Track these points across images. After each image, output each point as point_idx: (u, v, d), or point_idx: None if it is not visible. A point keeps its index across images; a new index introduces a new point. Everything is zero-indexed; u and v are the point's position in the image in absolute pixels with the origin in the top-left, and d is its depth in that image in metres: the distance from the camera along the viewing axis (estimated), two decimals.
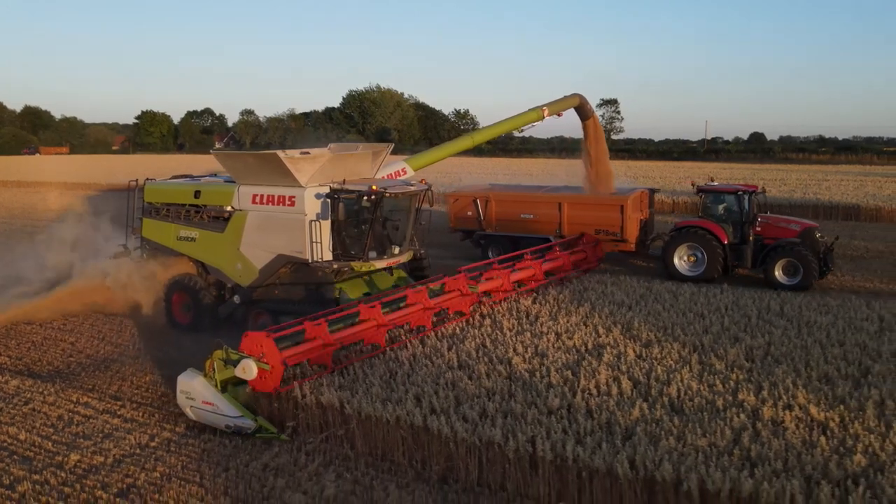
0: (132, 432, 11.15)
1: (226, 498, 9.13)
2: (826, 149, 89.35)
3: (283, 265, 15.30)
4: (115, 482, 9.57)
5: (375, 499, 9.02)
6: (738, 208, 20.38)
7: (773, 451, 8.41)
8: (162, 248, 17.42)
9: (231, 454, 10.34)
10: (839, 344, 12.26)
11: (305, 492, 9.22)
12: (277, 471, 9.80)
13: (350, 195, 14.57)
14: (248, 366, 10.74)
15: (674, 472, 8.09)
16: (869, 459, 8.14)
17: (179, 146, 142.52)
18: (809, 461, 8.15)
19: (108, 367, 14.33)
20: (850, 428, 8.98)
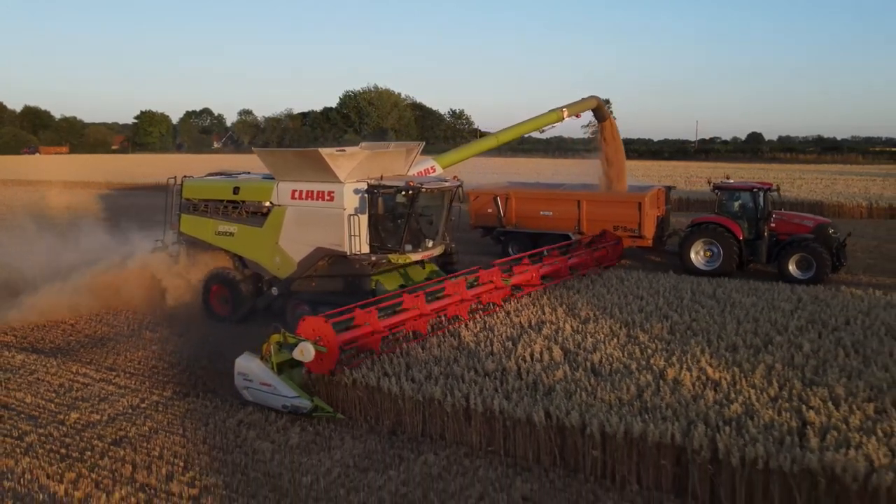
0: (125, 396, 12.67)
1: (204, 446, 10.64)
2: (813, 149, 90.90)
3: (322, 258, 16.02)
4: (110, 434, 11.08)
5: (333, 446, 10.54)
6: (753, 205, 21.27)
7: (667, 402, 9.91)
8: (200, 242, 18.14)
9: (211, 413, 11.85)
10: (753, 320, 13.76)
11: (273, 441, 10.74)
12: (250, 425, 11.32)
13: (388, 191, 15.37)
14: (305, 348, 11.35)
15: (580, 419, 9.60)
16: (744, 408, 9.64)
17: (178, 146, 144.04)
18: (695, 409, 9.65)
19: (105, 344, 15.82)
20: (737, 385, 10.49)
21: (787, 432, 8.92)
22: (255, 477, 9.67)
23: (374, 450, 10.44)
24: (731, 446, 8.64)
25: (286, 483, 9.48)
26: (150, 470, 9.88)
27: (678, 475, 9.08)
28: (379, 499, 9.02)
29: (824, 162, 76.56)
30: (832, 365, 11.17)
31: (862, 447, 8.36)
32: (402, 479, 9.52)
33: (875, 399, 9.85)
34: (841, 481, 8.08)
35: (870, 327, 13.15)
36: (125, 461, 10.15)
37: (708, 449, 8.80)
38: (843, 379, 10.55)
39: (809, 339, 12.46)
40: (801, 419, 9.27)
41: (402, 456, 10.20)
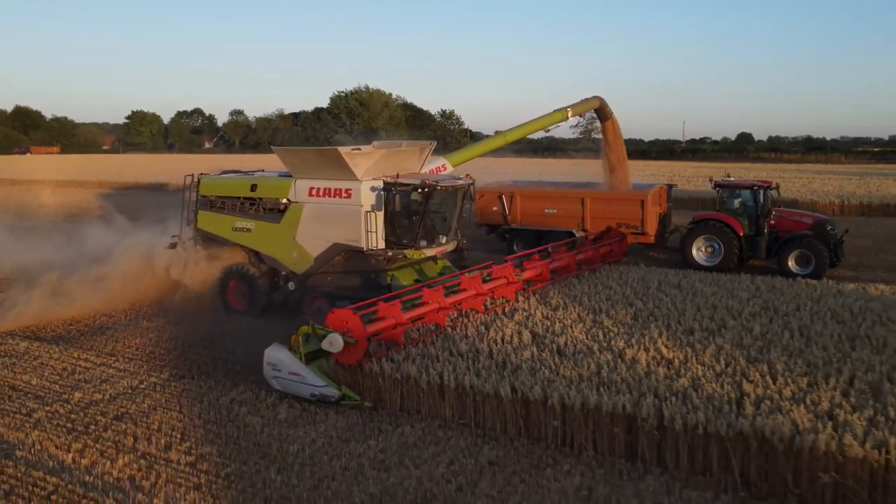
0: (125, 378, 13.58)
1: (199, 420, 11.57)
2: (798, 149, 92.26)
3: (338, 253, 16.49)
4: (112, 411, 12.00)
5: (318, 420, 11.49)
6: (753, 202, 21.89)
7: (622, 378, 10.88)
8: (216, 238, 18.57)
9: (205, 392, 12.78)
10: (712, 307, 14.74)
11: (263, 416, 11.68)
12: (242, 403, 12.26)
13: (404, 188, 15.83)
14: (334, 339, 11.73)
15: (543, 393, 10.57)
16: (691, 382, 10.62)
17: (169, 146, 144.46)
18: (646, 384, 10.62)
19: (104, 332, 16.70)
20: (687, 362, 11.47)
21: (727, 402, 9.89)
22: (246, 446, 10.61)
23: (356, 423, 11.39)
24: (675, 414, 9.62)
25: (275, 451, 10.42)
26: (150, 441, 10.81)
27: (629, 441, 10.05)
28: (359, 464, 9.96)
29: (808, 162, 77.79)
30: (776, 345, 12.16)
31: (790, 414, 9.34)
32: (380, 447, 10.48)
33: (809, 374, 10.84)
34: (770, 443, 9.06)
35: (817, 313, 14.16)
36: (127, 433, 11.07)
37: (655, 417, 9.77)
38: (783, 357, 11.54)
39: (760, 323, 13.46)
40: (740, 391, 10.24)
41: (381, 428, 11.15)
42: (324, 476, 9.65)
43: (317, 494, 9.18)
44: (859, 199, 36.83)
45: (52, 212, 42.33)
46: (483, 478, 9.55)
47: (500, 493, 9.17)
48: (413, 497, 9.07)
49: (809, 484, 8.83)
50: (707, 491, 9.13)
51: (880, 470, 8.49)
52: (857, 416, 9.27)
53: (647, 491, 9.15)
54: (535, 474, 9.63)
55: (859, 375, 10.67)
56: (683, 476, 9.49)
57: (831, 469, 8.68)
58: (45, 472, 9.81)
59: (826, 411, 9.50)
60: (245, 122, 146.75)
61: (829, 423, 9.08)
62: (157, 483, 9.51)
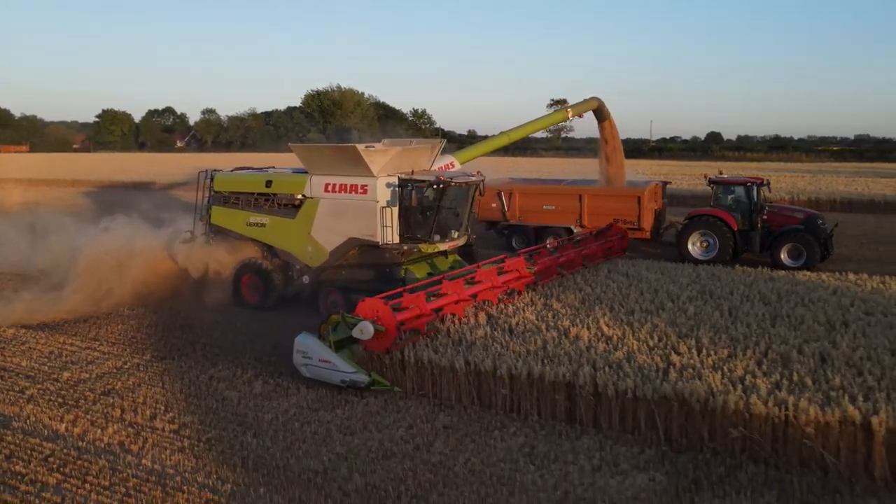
0: (109, 359, 14.59)
1: (181, 394, 12.64)
2: (761, 147, 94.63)
3: (354, 248, 16.99)
4: (99, 387, 13.02)
5: (290, 394, 12.61)
6: (746, 198, 22.76)
7: (564, 351, 12.11)
8: (230, 233, 18.95)
9: (185, 371, 13.83)
10: (654, 291, 16.05)
11: (239, 391, 12.78)
12: (220, 379, 13.34)
13: (420, 184, 16.49)
14: (365, 327, 12.19)
15: (493, 365, 11.77)
16: (625, 355, 11.86)
17: (140, 145, 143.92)
18: (586, 357, 11.85)
19: (87, 320, 17.59)
20: (625, 338, 12.72)
21: (655, 371, 11.16)
22: (224, 416, 11.70)
23: (325, 396, 12.52)
24: (608, 382, 10.86)
25: (251, 419, 11.53)
26: (136, 412, 11.87)
27: (569, 406, 11.28)
28: (327, 429, 11.10)
29: (770, 160, 79.98)
30: (706, 323, 13.47)
31: (707, 379, 10.62)
32: (346, 415, 11.63)
33: (730, 347, 12.15)
34: (688, 404, 10.34)
35: (747, 296, 15.52)
36: (114, 406, 12.11)
37: (591, 385, 11.01)
38: (710, 333, 12.84)
39: (695, 305, 14.77)
40: (667, 362, 11.50)
41: (347, 400, 12.29)
42: (295, 439, 10.78)
43: (289, 454, 10.30)
44: (808, 196, 38.62)
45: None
46: (438, 439, 10.74)
47: (453, 451, 10.35)
48: (375, 455, 10.23)
49: (722, 438, 10.11)
50: (634, 447, 10.38)
51: (781, 425, 9.77)
52: (765, 380, 10.56)
53: (583, 448, 10.38)
54: (484, 436, 10.83)
55: (774, 347, 11.99)
56: (615, 435, 10.73)
57: (740, 425, 9.96)
58: (42, 439, 10.84)
59: (739, 377, 10.79)
60: (217, 121, 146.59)
61: (739, 387, 10.37)
62: (144, 447, 10.58)
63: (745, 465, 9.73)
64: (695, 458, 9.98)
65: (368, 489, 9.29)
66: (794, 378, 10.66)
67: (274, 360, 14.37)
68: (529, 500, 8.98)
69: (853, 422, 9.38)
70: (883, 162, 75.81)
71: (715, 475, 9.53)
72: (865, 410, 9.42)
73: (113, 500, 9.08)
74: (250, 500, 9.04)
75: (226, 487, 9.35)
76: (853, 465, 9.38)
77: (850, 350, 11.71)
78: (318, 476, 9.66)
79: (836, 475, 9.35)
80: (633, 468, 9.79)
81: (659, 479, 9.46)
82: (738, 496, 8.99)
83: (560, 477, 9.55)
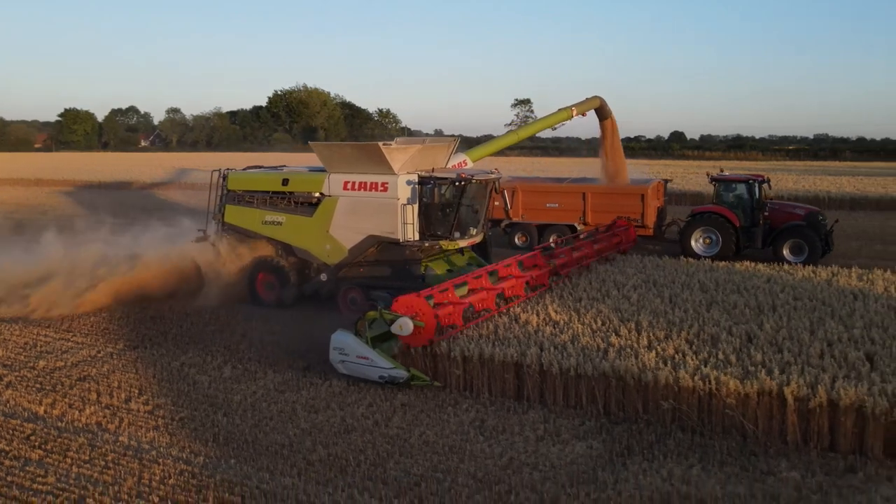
0: (83, 349, 15.24)
1: (154, 379, 13.37)
2: (720, 146, 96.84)
3: (373, 245, 17.16)
4: (75, 374, 13.70)
5: (258, 378, 13.40)
6: (748, 195, 23.31)
7: (514, 335, 13.04)
8: (245, 232, 18.98)
9: (157, 358, 14.55)
10: (601, 281, 17.05)
11: (210, 375, 13.54)
12: (191, 365, 14.09)
13: (443, 181, 16.75)
14: (405, 323, 12.30)
15: (448, 347, 12.64)
16: (570, 337, 12.82)
17: (104, 144, 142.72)
18: (534, 339, 12.77)
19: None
20: (571, 322, 13.68)
21: (596, 350, 12.15)
22: (196, 398, 12.47)
23: (291, 379, 13.34)
24: (552, 361, 11.81)
25: (221, 400, 12.31)
26: (111, 395, 12.59)
27: (517, 384, 12.22)
28: (293, 408, 11.93)
29: (728, 159, 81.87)
30: (647, 308, 14.50)
31: (642, 357, 11.62)
32: (311, 395, 12.47)
33: (667, 329, 13.17)
34: (624, 380, 11.33)
35: (688, 284, 16.59)
36: (90, 390, 12.81)
37: (537, 363, 11.95)
38: (650, 317, 13.86)
39: (639, 293, 15.80)
40: (608, 343, 12.49)
41: (312, 382, 13.12)
42: (263, 417, 11.60)
43: (257, 430, 11.11)
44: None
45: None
46: (396, 415, 11.62)
47: (409, 425, 11.24)
48: (337, 430, 11.08)
49: (654, 410, 11.13)
50: (576, 419, 11.35)
51: (706, 397, 10.80)
52: (694, 358, 11.59)
53: (529, 421, 11.32)
54: (438, 411, 11.73)
55: (705, 329, 13.03)
56: (559, 409, 11.69)
57: (670, 398, 10.98)
58: (22, 420, 11.52)
59: (671, 355, 11.80)
60: (182, 121, 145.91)
61: (670, 364, 11.39)
62: (120, 426, 11.32)
63: (674, 433, 10.74)
64: (629, 428, 10.97)
65: (331, 459, 10.13)
66: (720, 356, 11.68)
67: (242, 347, 15.15)
68: (478, 466, 9.88)
69: (769, 392, 10.43)
70: (835, 161, 78.09)
71: (646, 442, 10.53)
72: (780, 382, 10.46)
73: (93, 472, 9.80)
74: (221, 469, 9.83)
75: (199, 459, 10.13)
76: (769, 430, 10.44)
77: (773, 331, 12.78)
78: (285, 448, 10.48)
79: (753, 440, 10.39)
80: (574, 437, 10.74)
81: (596, 447, 10.42)
82: (666, 459, 9.97)
83: (507, 446, 10.47)
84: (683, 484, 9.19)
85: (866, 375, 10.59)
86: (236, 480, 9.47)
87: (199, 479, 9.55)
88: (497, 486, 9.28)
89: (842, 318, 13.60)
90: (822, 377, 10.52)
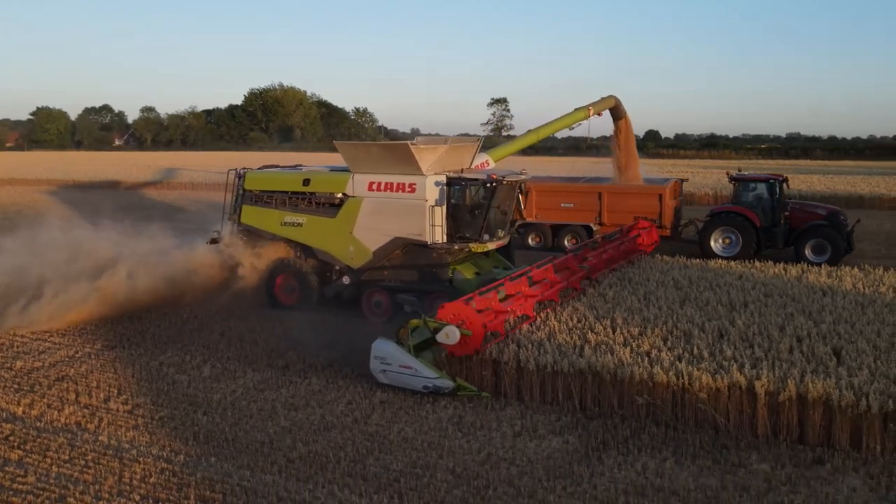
0: (61, 349, 15.19)
1: (133, 379, 13.39)
2: (693, 145, 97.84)
3: (399, 248, 16.71)
4: (53, 374, 13.67)
5: (237, 377, 13.46)
6: (768, 194, 23.22)
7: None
8: (262, 233, 18.47)
9: (136, 358, 14.56)
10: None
11: (189, 374, 13.58)
12: (170, 365, 14.12)
13: (474, 183, 16.47)
14: (451, 332, 11.98)
15: None
16: (547, 334, 13.02)
17: (77, 143, 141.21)
18: (512, 336, 12.92)
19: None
20: (548, 320, 13.83)
21: (572, 347, 12.35)
22: (175, 397, 12.52)
23: (270, 377, 13.41)
24: (529, 358, 12.00)
25: (201, 399, 12.37)
26: (90, 395, 12.59)
27: (495, 381, 12.39)
28: (272, 406, 12.02)
29: (701, 158, 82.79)
30: (622, 306, 14.74)
31: (617, 354, 11.84)
32: (290, 394, 12.56)
33: (641, 326, 13.41)
34: (600, 376, 11.55)
35: (662, 282, 16.86)
36: (69, 391, 12.80)
37: (514, 360, 12.13)
38: (625, 314, 14.10)
39: (614, 291, 16.03)
40: (584, 339, 12.70)
41: (292, 381, 13.20)
42: (242, 415, 11.68)
43: (237, 428, 11.20)
44: (730, 191, 40.60)
45: None
46: (375, 412, 11.75)
47: (388, 422, 11.37)
48: (317, 427, 11.19)
49: (629, 405, 11.36)
50: (552, 415, 11.54)
51: (679, 392, 11.04)
52: (669, 354, 11.82)
53: (506, 417, 11.50)
54: (417, 408, 11.86)
55: (679, 325, 13.28)
56: (536, 405, 11.88)
57: (645, 393, 11.20)
58: (1, 421, 11.50)
59: (646, 351, 12.03)
60: (157, 120, 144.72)
61: (645, 359, 11.61)
62: (100, 426, 11.34)
63: (649, 427, 10.97)
64: (605, 423, 11.18)
65: (311, 456, 10.24)
66: (694, 351, 11.93)
67: (221, 346, 15.20)
68: (456, 461, 10.04)
69: (740, 387, 10.68)
70: (807, 160, 79.15)
71: (621, 436, 10.74)
72: (751, 377, 10.72)
73: (73, 471, 9.84)
74: (202, 467, 9.91)
75: (179, 458, 10.20)
76: (740, 423, 10.70)
77: (745, 326, 13.06)
78: (265, 446, 10.57)
79: (724, 433, 10.66)
80: (550, 433, 10.93)
81: (572, 442, 10.62)
82: (640, 453, 10.19)
83: (484, 442, 10.64)
84: (657, 477, 9.42)
85: (833, 370, 10.89)
86: (217, 478, 9.56)
87: (180, 477, 9.62)
88: (475, 481, 9.44)
89: (811, 313, 13.93)
90: (791, 372, 10.80)
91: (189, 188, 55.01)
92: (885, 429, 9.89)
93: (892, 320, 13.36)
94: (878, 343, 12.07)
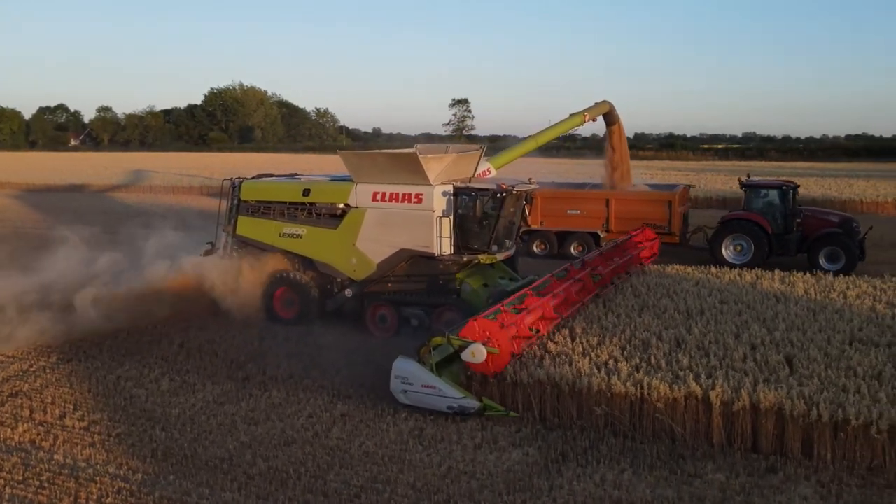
0: (14, 363, 14.89)
1: (89, 394, 13.19)
2: (651, 146, 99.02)
3: (404, 259, 16.29)
4: (6, 390, 13.40)
5: (196, 390, 13.34)
6: (781, 201, 22.86)
7: None
8: (259, 245, 17.84)
9: (92, 371, 14.34)
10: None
11: (147, 388, 13.42)
12: (127, 378, 13.93)
13: (484, 193, 16.11)
14: (477, 350, 11.69)
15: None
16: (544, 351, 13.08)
17: (31, 143, 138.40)
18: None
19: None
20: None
21: (531, 358, 12.45)
22: (133, 412, 12.37)
23: (230, 391, 13.32)
24: None
25: (159, 414, 12.24)
26: (45, 412, 12.38)
27: None
28: (232, 421, 11.94)
29: (660, 158, 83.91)
30: (581, 314, 14.90)
31: (576, 364, 11.97)
32: (251, 407, 12.49)
33: (600, 335, 13.57)
34: (559, 386, 11.67)
35: (620, 288, 17.09)
36: (23, 407, 12.57)
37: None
38: (584, 323, 14.26)
39: None
40: (544, 350, 12.81)
41: (252, 394, 13.13)
42: (202, 431, 11.58)
43: (196, 444, 11.10)
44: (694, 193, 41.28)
45: None
46: (336, 425, 11.74)
47: (349, 436, 11.37)
48: (277, 442, 11.15)
49: (588, 415, 11.49)
50: (512, 426, 11.61)
51: (637, 402, 11.21)
52: (626, 364, 11.98)
53: (467, 429, 11.55)
54: (378, 421, 11.88)
55: (637, 335, 13.47)
56: (496, 417, 11.94)
57: (603, 403, 11.35)
58: None
59: (604, 361, 12.18)
60: (114, 119, 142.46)
61: (603, 370, 11.76)
62: (55, 444, 11.17)
63: (607, 438, 11.11)
64: (564, 434, 11.30)
65: (271, 472, 10.20)
66: (651, 361, 12.11)
67: (180, 358, 15.03)
68: (417, 475, 10.07)
69: (696, 396, 10.88)
70: (761, 160, 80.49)
71: (580, 447, 10.87)
72: (706, 387, 10.92)
73: (28, 492, 9.69)
74: (160, 486, 9.81)
75: (137, 476, 10.09)
76: (696, 433, 10.89)
77: (701, 335, 13.28)
78: (225, 463, 10.51)
79: (681, 442, 10.84)
80: (510, 445, 11.02)
81: (532, 454, 10.72)
82: (599, 465, 10.32)
83: (445, 455, 10.69)
84: (615, 489, 9.56)
85: (785, 379, 11.14)
86: (176, 497, 9.49)
87: (138, 496, 9.53)
88: (436, 495, 9.49)
89: (765, 320, 14.22)
90: (744, 381, 11.01)
91: (162, 192, 53.33)
92: (836, 437, 10.15)
93: (842, 327, 13.68)
94: (828, 350, 12.37)
